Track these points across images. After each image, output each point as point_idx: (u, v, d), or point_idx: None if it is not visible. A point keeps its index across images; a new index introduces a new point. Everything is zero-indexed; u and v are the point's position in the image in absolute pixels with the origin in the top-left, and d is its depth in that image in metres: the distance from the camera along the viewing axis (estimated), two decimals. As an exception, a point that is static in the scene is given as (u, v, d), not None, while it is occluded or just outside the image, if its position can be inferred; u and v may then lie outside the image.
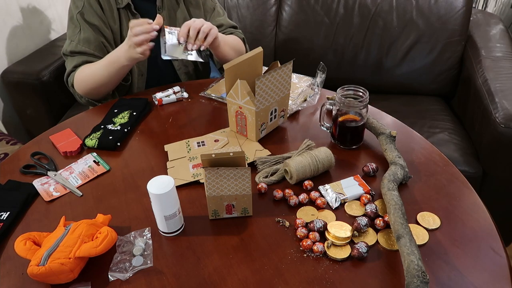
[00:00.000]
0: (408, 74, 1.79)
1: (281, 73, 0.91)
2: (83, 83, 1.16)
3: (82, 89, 1.17)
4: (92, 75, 1.14)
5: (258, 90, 0.87)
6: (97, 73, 1.13)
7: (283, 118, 1.02)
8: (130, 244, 0.71)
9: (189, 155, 0.91)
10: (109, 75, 1.12)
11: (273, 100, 0.94)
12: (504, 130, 1.27)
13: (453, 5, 1.68)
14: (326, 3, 1.80)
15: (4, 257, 0.71)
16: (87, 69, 1.16)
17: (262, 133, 0.97)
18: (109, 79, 1.13)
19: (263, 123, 0.95)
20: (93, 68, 1.15)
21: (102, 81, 1.14)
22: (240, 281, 0.65)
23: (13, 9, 1.78)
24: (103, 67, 1.12)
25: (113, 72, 1.11)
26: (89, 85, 1.16)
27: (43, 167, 0.91)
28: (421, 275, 0.58)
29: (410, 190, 0.81)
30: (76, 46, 1.17)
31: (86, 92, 1.18)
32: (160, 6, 1.21)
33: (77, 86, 1.18)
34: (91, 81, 1.15)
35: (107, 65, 1.12)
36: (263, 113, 0.93)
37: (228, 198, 0.73)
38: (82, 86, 1.17)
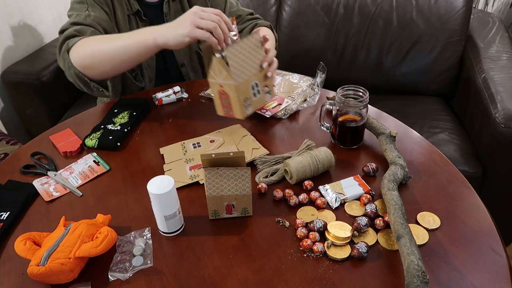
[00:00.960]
0: (408, 74, 1.79)
1: (250, 44, 0.90)
2: (87, 53, 0.97)
3: (81, 61, 0.98)
4: (102, 47, 0.96)
5: (231, 61, 0.86)
6: (112, 46, 0.96)
7: (270, 94, 1.00)
8: (130, 244, 0.71)
9: (185, 157, 0.91)
10: (123, 52, 0.95)
11: (250, 73, 0.92)
12: (504, 130, 1.27)
13: (453, 5, 1.68)
14: (326, 3, 1.80)
15: (4, 257, 0.71)
16: (98, 39, 0.99)
17: (249, 109, 0.94)
18: (120, 57, 0.96)
19: (246, 98, 0.93)
20: (107, 39, 0.98)
21: (111, 57, 0.96)
22: (240, 281, 0.65)
23: (13, 9, 1.78)
24: (120, 38, 0.96)
25: (129, 50, 0.94)
26: (93, 58, 0.97)
27: (43, 167, 0.91)
28: (421, 275, 0.58)
29: (410, 190, 0.81)
30: (85, 18, 1.03)
31: (85, 67, 0.98)
32: (167, 13, 1.20)
33: (76, 55, 0.98)
34: (98, 54, 0.96)
35: (126, 36, 0.96)
36: (244, 87, 0.91)
37: (228, 198, 0.73)
38: (84, 57, 0.97)
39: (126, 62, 0.98)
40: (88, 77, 1.00)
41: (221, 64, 0.88)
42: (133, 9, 1.14)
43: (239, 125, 1.01)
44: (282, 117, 1.05)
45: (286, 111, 1.05)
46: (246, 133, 0.98)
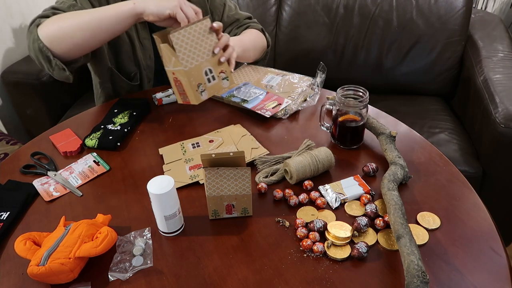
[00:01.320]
0: (408, 74, 1.79)
1: (198, 30, 0.91)
2: (58, 26, 0.93)
3: (48, 35, 0.93)
4: (75, 17, 0.93)
5: (177, 46, 0.87)
6: (86, 16, 0.93)
7: (228, 81, 0.99)
8: (130, 244, 0.71)
9: (184, 157, 0.91)
10: (96, 23, 0.92)
11: (201, 58, 0.93)
12: (504, 130, 1.27)
13: (453, 5, 1.68)
14: (326, 3, 1.80)
15: (4, 257, 0.71)
16: (72, 12, 0.96)
17: (203, 94, 0.94)
18: (92, 30, 0.93)
19: (199, 84, 0.93)
20: (82, 11, 0.96)
21: (82, 29, 0.92)
22: (240, 281, 0.65)
23: (13, 9, 1.78)
24: (100, 11, 0.93)
25: (102, 20, 0.92)
26: (62, 31, 0.93)
27: (43, 167, 0.91)
28: (421, 275, 0.58)
29: (410, 190, 0.81)
30: (69, 7, 1.00)
31: (51, 40, 0.93)
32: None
33: (45, 28, 0.93)
34: (70, 24, 0.93)
35: (107, 10, 0.93)
36: (195, 72, 0.92)
37: (228, 198, 0.73)
38: (53, 29, 0.93)
39: (99, 33, 0.94)
40: (52, 52, 0.95)
41: (169, 51, 0.89)
42: None
43: (238, 125, 1.01)
44: (282, 117, 1.05)
45: (286, 111, 1.05)
46: (246, 133, 0.98)
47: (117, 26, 0.94)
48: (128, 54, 1.18)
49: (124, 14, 0.91)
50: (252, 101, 1.08)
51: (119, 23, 0.93)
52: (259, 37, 1.28)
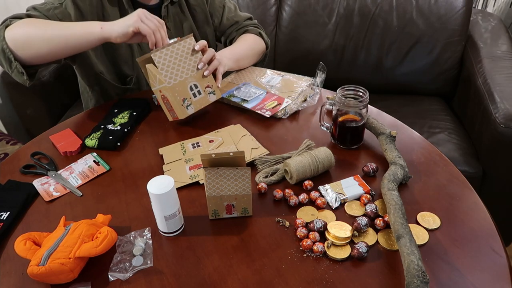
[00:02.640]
0: (408, 74, 1.79)
1: (182, 48, 0.96)
2: (25, 32, 0.94)
3: (14, 37, 0.94)
4: (43, 27, 0.94)
5: (159, 64, 0.93)
6: (48, 28, 0.94)
7: (215, 95, 1.04)
8: (130, 244, 0.71)
9: (184, 157, 0.91)
10: (63, 39, 0.94)
11: (185, 74, 0.98)
12: (504, 130, 1.27)
13: (453, 5, 1.68)
14: (326, 3, 1.80)
15: (4, 257, 0.71)
16: (42, 21, 0.97)
17: (189, 109, 0.99)
18: (58, 44, 0.95)
19: (184, 99, 0.98)
20: (52, 22, 0.96)
21: (48, 41, 0.94)
22: (240, 281, 0.65)
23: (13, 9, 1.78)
24: (63, 26, 0.95)
25: (70, 38, 0.94)
26: (28, 38, 0.94)
27: (43, 167, 0.91)
28: (421, 275, 0.58)
29: (410, 190, 0.81)
30: (48, 10, 1.01)
31: (16, 43, 0.94)
32: (166, 16, 1.18)
33: (12, 31, 0.94)
34: (37, 33, 0.94)
35: (70, 26, 0.95)
36: (180, 88, 0.97)
37: (228, 198, 0.73)
38: (20, 34, 0.94)
39: (64, 48, 0.96)
40: (14, 55, 0.95)
41: (154, 70, 0.95)
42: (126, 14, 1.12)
43: (238, 125, 1.01)
44: (282, 117, 1.05)
45: (286, 111, 1.05)
46: (245, 133, 0.98)
47: (83, 45, 0.96)
48: (124, 58, 1.17)
49: (92, 36, 0.94)
50: (252, 101, 1.08)
51: (85, 43, 0.96)
52: (256, 42, 1.28)
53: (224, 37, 1.33)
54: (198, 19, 1.25)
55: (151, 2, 1.15)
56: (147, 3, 1.15)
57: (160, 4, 1.17)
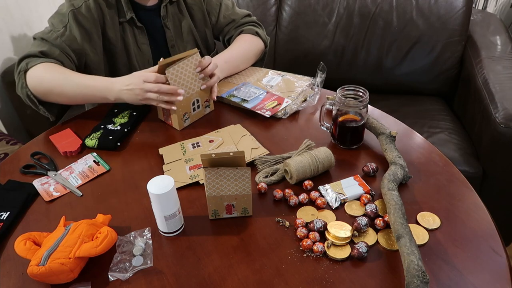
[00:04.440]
0: (408, 74, 1.79)
1: (189, 64, 0.97)
2: (43, 84, 1.01)
3: (36, 87, 1.02)
4: (59, 82, 1.01)
5: (171, 81, 0.95)
6: (68, 86, 1.01)
7: (209, 108, 1.09)
8: (130, 244, 0.71)
9: (184, 157, 0.91)
10: (81, 97, 1.03)
11: (191, 91, 1.00)
12: (504, 130, 1.27)
13: (453, 5, 1.68)
14: (326, 3, 1.80)
15: (4, 257, 0.71)
16: (56, 73, 1.02)
17: (186, 122, 1.03)
18: (77, 100, 1.06)
19: (185, 113, 1.02)
20: (67, 76, 1.02)
21: (68, 97, 1.03)
22: (240, 281, 0.65)
23: (13, 10, 1.78)
24: (81, 86, 1.01)
25: (88, 98, 1.04)
26: (49, 91, 1.02)
27: (43, 167, 0.91)
28: (421, 275, 0.58)
29: (410, 190, 0.81)
30: (55, 39, 1.05)
31: (38, 92, 1.03)
32: (165, 16, 1.18)
33: (32, 81, 1.02)
34: (55, 88, 1.01)
35: (87, 87, 1.01)
36: (185, 104, 1.00)
37: (228, 198, 0.73)
38: (40, 88, 1.02)
39: (80, 102, 1.07)
40: (39, 100, 1.05)
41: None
42: (126, 17, 1.11)
43: (238, 125, 1.01)
44: (282, 117, 1.05)
45: (286, 111, 1.05)
46: (245, 133, 0.98)
47: (97, 102, 1.08)
48: (123, 61, 1.17)
49: (109, 101, 1.02)
50: (252, 101, 1.08)
51: (99, 102, 1.09)
52: (253, 43, 1.25)
53: (222, 35, 1.33)
54: (196, 18, 1.24)
55: (150, 3, 1.15)
56: (145, 4, 1.14)
57: (159, 4, 1.17)
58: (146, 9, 1.15)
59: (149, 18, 1.17)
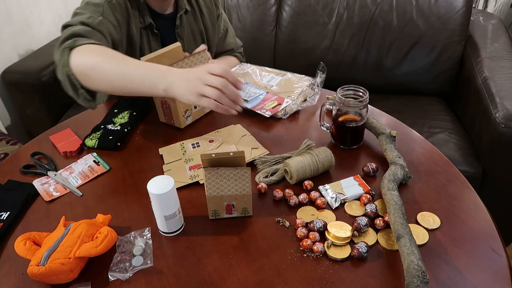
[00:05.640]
0: (408, 74, 1.79)
1: (195, 61, 0.97)
2: (89, 64, 0.87)
3: (80, 67, 0.88)
4: (107, 66, 0.87)
5: None
6: (117, 71, 0.87)
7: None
8: (130, 244, 0.71)
9: (184, 157, 0.91)
10: (126, 82, 0.86)
11: None
12: (504, 130, 1.27)
13: (453, 5, 1.68)
14: (326, 3, 1.80)
15: (4, 257, 0.71)
16: (106, 54, 0.89)
17: (188, 119, 1.02)
18: (120, 86, 0.88)
19: (186, 110, 1.00)
20: (116, 60, 0.88)
21: (111, 81, 0.88)
22: (240, 281, 0.65)
23: (13, 9, 1.78)
24: (131, 67, 0.86)
25: (134, 84, 0.86)
26: (93, 70, 0.88)
27: (43, 167, 0.91)
28: (421, 275, 0.58)
29: (410, 190, 0.81)
30: (99, 24, 0.96)
31: (80, 73, 0.89)
32: (179, 25, 1.19)
33: (77, 59, 0.88)
34: (100, 72, 0.87)
35: (139, 69, 0.86)
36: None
37: (228, 198, 0.73)
38: (85, 66, 0.88)
39: (126, 92, 0.90)
40: (80, 82, 0.90)
41: None
42: (145, 22, 1.11)
43: (238, 125, 1.01)
44: (282, 117, 1.05)
45: (286, 111, 1.05)
46: (245, 133, 0.98)
47: (144, 94, 0.89)
48: None
49: (156, 92, 0.86)
50: (252, 101, 1.08)
51: (146, 94, 0.89)
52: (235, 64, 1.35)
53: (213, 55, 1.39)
54: (209, 31, 1.29)
55: (166, 12, 1.16)
56: (163, 12, 1.15)
57: (175, 13, 1.18)
58: (162, 18, 1.16)
59: (164, 27, 1.17)
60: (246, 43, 1.84)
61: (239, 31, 1.89)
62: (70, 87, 0.91)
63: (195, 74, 0.81)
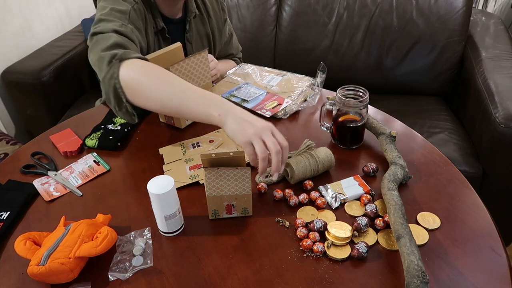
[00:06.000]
0: (408, 74, 1.79)
1: (196, 61, 0.97)
2: (141, 82, 0.84)
3: (130, 83, 0.84)
4: (159, 90, 0.83)
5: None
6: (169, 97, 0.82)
7: None
8: (130, 244, 0.71)
9: (184, 157, 0.91)
10: (179, 103, 0.81)
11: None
12: (504, 130, 1.27)
13: (453, 5, 1.69)
14: (326, 3, 1.80)
15: (4, 257, 0.71)
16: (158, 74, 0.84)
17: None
18: (170, 106, 0.83)
19: None
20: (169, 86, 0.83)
21: (162, 101, 0.83)
22: (240, 281, 0.65)
23: (13, 9, 1.78)
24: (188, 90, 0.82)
25: (187, 106, 0.81)
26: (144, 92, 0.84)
27: (43, 167, 0.91)
28: (421, 275, 0.58)
29: (410, 190, 0.81)
30: (131, 32, 0.94)
31: (129, 89, 0.84)
32: (188, 29, 1.20)
33: (128, 73, 0.84)
34: (151, 93, 0.83)
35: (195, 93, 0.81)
36: None
37: (228, 198, 0.73)
38: (135, 82, 0.84)
39: (173, 113, 0.86)
40: (126, 96, 0.85)
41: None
42: (158, 27, 1.11)
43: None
44: (282, 117, 1.05)
45: (286, 111, 1.05)
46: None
47: (193, 119, 0.85)
48: None
49: (208, 118, 0.80)
50: (252, 101, 1.08)
51: (195, 118, 0.83)
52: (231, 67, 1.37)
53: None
54: (215, 34, 1.30)
55: (177, 16, 1.17)
56: (173, 17, 1.16)
57: (184, 17, 1.19)
58: (172, 22, 1.16)
59: (174, 31, 1.18)
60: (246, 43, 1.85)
61: (239, 31, 1.89)
62: (114, 99, 0.87)
63: (260, 122, 0.77)
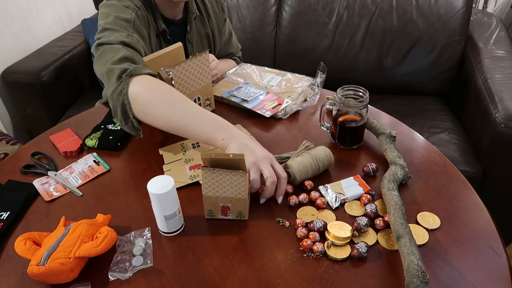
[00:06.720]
0: (408, 74, 1.79)
1: (197, 62, 0.98)
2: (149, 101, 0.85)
3: (138, 100, 0.86)
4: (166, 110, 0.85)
5: (176, 78, 0.95)
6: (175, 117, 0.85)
7: (210, 107, 1.09)
8: (130, 244, 0.71)
9: (184, 157, 0.91)
10: (185, 124, 0.84)
11: (194, 88, 1.01)
12: (504, 130, 1.27)
13: (453, 5, 1.69)
14: (326, 3, 1.80)
15: (4, 257, 0.71)
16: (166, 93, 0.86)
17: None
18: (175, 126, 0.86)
19: None
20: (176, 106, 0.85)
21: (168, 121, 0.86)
22: (240, 281, 0.65)
23: (13, 9, 1.78)
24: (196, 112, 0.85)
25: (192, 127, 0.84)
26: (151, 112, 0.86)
27: (43, 167, 0.91)
28: (421, 275, 0.58)
29: (410, 190, 0.81)
30: (137, 43, 0.95)
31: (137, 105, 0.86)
32: (189, 31, 1.20)
33: (136, 91, 0.85)
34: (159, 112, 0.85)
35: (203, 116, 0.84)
36: None
37: (224, 200, 0.73)
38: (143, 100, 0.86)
39: (178, 133, 0.87)
40: (133, 112, 0.87)
41: (166, 79, 0.96)
42: (159, 29, 1.11)
43: (238, 125, 1.01)
44: (282, 117, 1.05)
45: (286, 111, 1.05)
46: (246, 133, 0.98)
47: (195, 139, 0.90)
48: None
49: (212, 141, 0.84)
50: (252, 101, 1.08)
51: (199, 139, 0.88)
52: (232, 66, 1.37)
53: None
54: (215, 34, 1.30)
55: (177, 18, 1.17)
56: (173, 18, 1.16)
57: (185, 18, 1.19)
58: (173, 24, 1.17)
59: (175, 32, 1.18)
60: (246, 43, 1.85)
61: (239, 31, 1.89)
62: (121, 114, 0.88)
63: (261, 152, 0.78)
